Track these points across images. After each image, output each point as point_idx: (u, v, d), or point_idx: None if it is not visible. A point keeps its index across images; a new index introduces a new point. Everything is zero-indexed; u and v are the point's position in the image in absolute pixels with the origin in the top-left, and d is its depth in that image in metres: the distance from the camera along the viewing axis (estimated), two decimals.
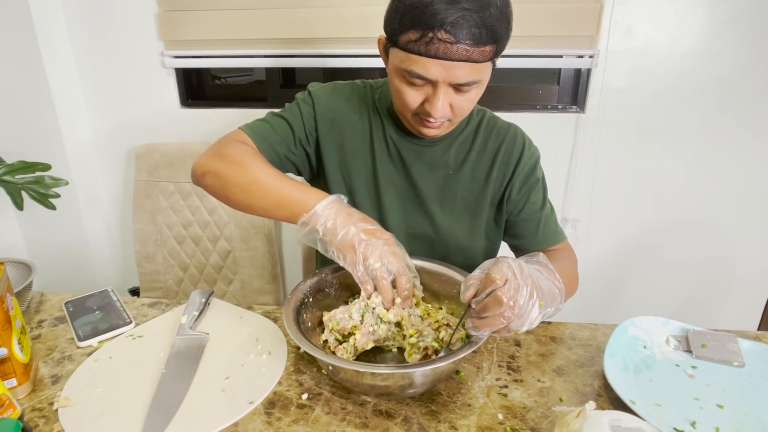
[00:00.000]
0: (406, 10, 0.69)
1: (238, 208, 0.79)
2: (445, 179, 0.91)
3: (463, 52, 0.67)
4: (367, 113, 0.91)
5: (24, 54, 1.48)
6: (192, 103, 1.67)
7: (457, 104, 0.76)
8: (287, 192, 0.74)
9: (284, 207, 0.73)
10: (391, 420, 0.64)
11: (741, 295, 1.64)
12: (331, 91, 0.91)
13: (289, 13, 1.44)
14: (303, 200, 0.72)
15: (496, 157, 0.92)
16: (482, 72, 0.73)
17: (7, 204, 1.32)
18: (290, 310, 0.70)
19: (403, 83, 0.75)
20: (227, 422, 0.63)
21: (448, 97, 0.74)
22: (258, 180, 0.76)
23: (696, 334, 0.78)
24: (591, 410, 0.54)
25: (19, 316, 0.70)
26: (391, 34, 0.74)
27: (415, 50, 0.69)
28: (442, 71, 0.70)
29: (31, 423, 0.63)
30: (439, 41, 0.67)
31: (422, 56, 0.69)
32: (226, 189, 0.78)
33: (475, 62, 0.69)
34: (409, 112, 0.79)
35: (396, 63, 0.74)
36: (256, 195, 0.75)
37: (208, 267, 1.52)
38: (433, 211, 0.92)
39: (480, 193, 0.92)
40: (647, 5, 1.35)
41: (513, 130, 0.94)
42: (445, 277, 0.80)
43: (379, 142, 0.90)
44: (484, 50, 0.69)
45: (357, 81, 0.95)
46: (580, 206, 1.57)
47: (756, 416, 0.64)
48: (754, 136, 1.45)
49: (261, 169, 0.77)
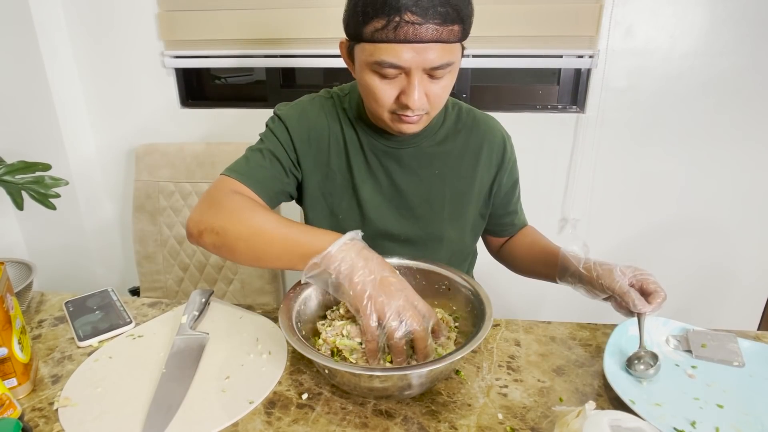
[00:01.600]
0: (367, 1, 0.68)
1: (245, 262, 0.73)
2: (430, 180, 0.90)
3: (432, 32, 0.66)
4: (338, 126, 0.88)
5: (24, 54, 1.49)
6: (192, 103, 1.67)
7: (432, 93, 0.74)
8: (296, 236, 0.69)
9: (295, 253, 0.67)
10: (391, 420, 0.64)
11: (741, 295, 1.64)
12: (300, 111, 0.88)
13: (289, 13, 1.44)
14: (315, 241, 0.66)
15: (480, 152, 0.91)
16: (454, 54, 0.71)
17: (7, 204, 1.32)
18: (287, 311, 0.70)
19: (375, 78, 0.73)
20: (227, 422, 0.63)
21: (423, 85, 0.72)
22: (262, 229, 0.70)
23: (696, 334, 0.78)
24: (591, 410, 0.54)
25: (19, 316, 0.70)
26: (354, 30, 0.71)
27: (384, 38, 0.68)
28: (414, 56, 0.68)
29: (31, 423, 0.63)
30: (407, 23, 0.66)
31: (392, 43, 0.67)
32: (229, 245, 0.72)
33: (445, 42, 0.68)
34: (384, 110, 0.76)
35: (364, 58, 0.72)
36: (263, 246, 0.70)
37: (208, 267, 1.52)
38: (422, 213, 0.91)
39: (467, 189, 0.92)
40: (647, 5, 1.35)
41: (493, 122, 0.94)
42: (434, 274, 0.80)
43: (355, 154, 0.88)
44: (453, 29, 0.68)
45: (321, 92, 0.92)
46: (580, 206, 1.57)
47: (756, 416, 0.64)
48: (754, 136, 1.45)
49: (262, 216, 0.72)
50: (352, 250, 0.65)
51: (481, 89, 1.57)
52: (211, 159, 1.45)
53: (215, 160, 1.45)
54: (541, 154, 1.52)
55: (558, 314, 1.73)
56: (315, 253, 0.65)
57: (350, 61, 0.78)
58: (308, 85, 1.73)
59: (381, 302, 0.62)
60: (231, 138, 1.61)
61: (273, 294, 1.50)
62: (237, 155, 0.84)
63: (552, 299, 1.72)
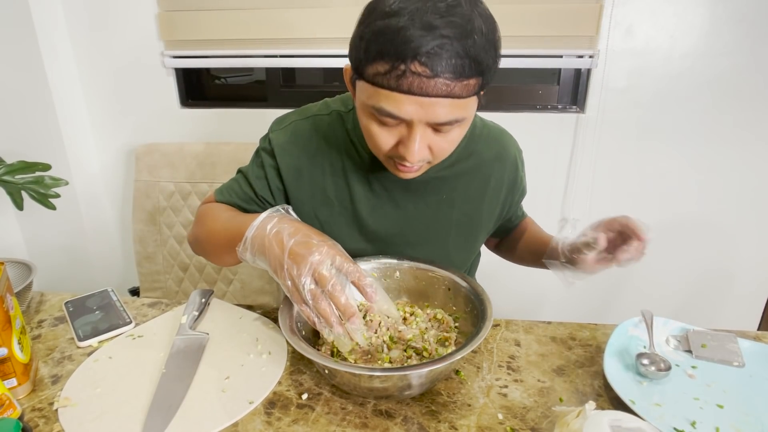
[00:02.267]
0: (372, 37, 0.58)
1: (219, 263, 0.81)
2: (437, 204, 0.85)
3: (442, 86, 0.57)
4: (337, 150, 0.81)
5: (24, 54, 1.49)
6: (192, 103, 1.67)
7: (437, 146, 0.66)
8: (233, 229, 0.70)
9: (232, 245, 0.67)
10: (391, 420, 0.64)
11: (741, 295, 1.64)
12: (291, 133, 0.82)
13: (289, 13, 1.44)
14: (240, 230, 0.65)
15: (491, 173, 0.85)
16: (466, 109, 0.62)
17: (7, 204, 1.32)
18: (287, 311, 0.70)
19: (373, 122, 0.65)
20: (227, 422, 0.63)
21: (425, 138, 0.64)
22: (213, 226, 0.76)
23: (696, 334, 0.78)
24: (591, 410, 0.54)
25: (19, 316, 0.70)
26: (356, 64, 0.63)
27: (384, 84, 0.59)
28: (417, 109, 0.59)
29: (31, 423, 0.63)
30: (413, 74, 0.56)
31: (393, 91, 0.59)
32: (205, 251, 0.81)
33: (456, 98, 0.59)
34: (381, 154, 0.70)
35: (363, 99, 0.64)
36: (215, 241, 0.76)
37: (208, 267, 1.52)
38: (428, 239, 0.86)
39: (475, 213, 0.87)
40: (647, 5, 1.35)
41: (506, 139, 0.88)
42: (434, 274, 0.80)
43: (356, 180, 0.82)
44: (468, 84, 0.59)
45: (321, 106, 0.84)
46: (580, 206, 1.57)
47: (756, 416, 0.64)
48: (754, 136, 1.45)
49: (218, 214, 0.78)
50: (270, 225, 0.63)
51: None
52: (211, 159, 1.45)
53: (215, 160, 1.45)
54: (541, 154, 1.52)
55: (558, 314, 1.73)
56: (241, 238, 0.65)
57: (352, 90, 0.70)
58: (308, 85, 1.73)
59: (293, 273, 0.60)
60: (231, 138, 1.61)
61: (273, 294, 1.50)
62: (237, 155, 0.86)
63: (552, 299, 1.72)
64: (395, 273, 0.81)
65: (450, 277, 0.78)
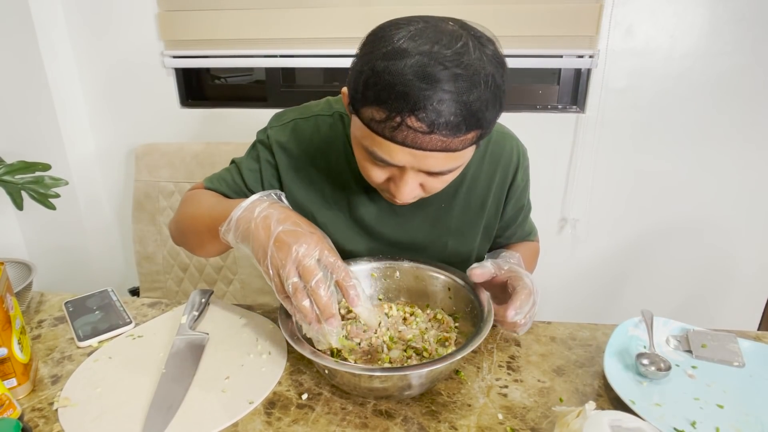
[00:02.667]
0: (372, 78, 0.55)
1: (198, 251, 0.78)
2: (436, 214, 0.84)
3: (438, 142, 0.55)
4: (337, 153, 0.80)
5: (24, 54, 1.49)
6: (192, 103, 1.67)
7: (429, 186, 0.65)
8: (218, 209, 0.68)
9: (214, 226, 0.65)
10: (391, 420, 0.64)
11: (741, 295, 1.64)
12: (290, 131, 0.80)
13: (289, 13, 1.44)
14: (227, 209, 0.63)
15: (492, 179, 0.84)
16: (461, 159, 0.61)
17: (7, 204, 1.32)
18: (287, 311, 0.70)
19: (365, 159, 0.64)
20: (227, 422, 0.63)
21: (417, 179, 0.63)
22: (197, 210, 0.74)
23: (696, 334, 0.78)
24: (591, 410, 0.54)
25: (19, 316, 0.70)
26: (352, 99, 0.60)
27: (379, 132, 0.57)
28: (410, 159, 0.58)
29: (31, 423, 0.63)
30: (409, 129, 0.54)
31: (387, 140, 0.57)
32: (182, 234, 0.77)
33: (453, 152, 0.58)
34: (372, 184, 0.69)
35: (357, 135, 0.62)
36: (197, 226, 0.72)
37: (208, 267, 1.52)
38: (421, 246, 0.86)
39: (474, 221, 0.86)
40: (647, 5, 1.35)
41: (509, 145, 0.84)
42: (432, 273, 0.80)
43: (356, 187, 0.81)
44: (465, 138, 0.57)
45: (323, 106, 0.82)
46: (580, 206, 1.57)
47: (756, 416, 0.64)
48: (754, 136, 1.45)
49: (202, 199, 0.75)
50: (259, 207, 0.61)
51: None
52: (211, 159, 1.45)
53: (215, 160, 1.45)
54: (541, 154, 1.52)
55: (558, 314, 1.73)
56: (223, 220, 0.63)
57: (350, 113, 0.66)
58: (308, 85, 1.73)
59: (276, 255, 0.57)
60: (231, 138, 1.61)
61: (273, 294, 1.50)
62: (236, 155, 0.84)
63: (552, 299, 1.72)
64: (395, 273, 0.81)
65: (450, 277, 0.78)
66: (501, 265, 0.70)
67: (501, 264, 0.70)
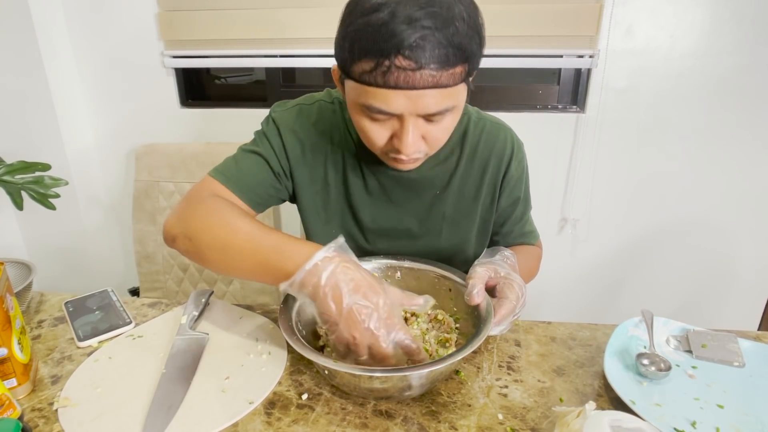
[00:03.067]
0: (355, 36, 0.59)
1: (219, 272, 0.71)
2: (431, 201, 0.85)
3: (428, 78, 0.58)
4: (337, 138, 0.82)
5: (24, 54, 1.49)
6: (192, 103, 1.67)
7: (430, 135, 0.66)
8: (266, 252, 0.62)
9: (266, 271, 0.62)
10: (391, 420, 0.64)
11: (741, 295, 1.64)
12: (296, 115, 0.82)
13: (289, 13, 1.44)
14: (284, 261, 0.60)
15: (486, 168, 0.84)
16: (455, 97, 0.62)
17: (7, 204, 1.32)
18: (287, 311, 0.70)
19: (365, 119, 0.65)
20: (227, 422, 0.63)
21: (418, 129, 0.64)
22: (233, 242, 0.65)
23: (696, 334, 0.78)
24: (591, 410, 0.54)
25: (19, 316, 0.70)
26: (342, 64, 0.63)
27: (372, 82, 0.59)
28: (406, 103, 0.60)
29: (31, 423, 0.63)
30: (399, 69, 0.57)
31: (381, 88, 0.59)
32: (200, 254, 0.68)
33: (444, 87, 0.59)
34: (377, 149, 0.70)
35: (353, 97, 0.64)
36: (233, 260, 0.66)
37: None
38: (416, 234, 0.87)
39: (469, 210, 0.87)
40: (647, 5, 1.35)
41: (503, 135, 0.85)
42: (435, 275, 0.80)
43: (353, 169, 0.83)
44: (454, 72, 0.59)
45: (324, 94, 0.84)
46: (580, 206, 1.57)
47: (756, 416, 0.64)
48: (755, 136, 1.45)
49: (235, 226, 0.66)
50: (324, 271, 0.57)
51: (481, 89, 1.57)
52: (211, 159, 1.45)
53: (215, 160, 1.43)
54: (541, 154, 1.52)
55: (558, 314, 1.73)
56: (284, 275, 0.59)
57: (342, 89, 0.70)
58: (308, 85, 1.73)
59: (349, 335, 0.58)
60: (231, 138, 1.61)
61: (273, 294, 1.50)
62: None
63: (552, 299, 1.72)
64: (396, 273, 0.81)
65: (451, 278, 0.78)
66: (498, 270, 0.71)
67: (498, 269, 0.72)
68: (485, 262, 0.73)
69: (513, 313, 0.68)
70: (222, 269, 0.68)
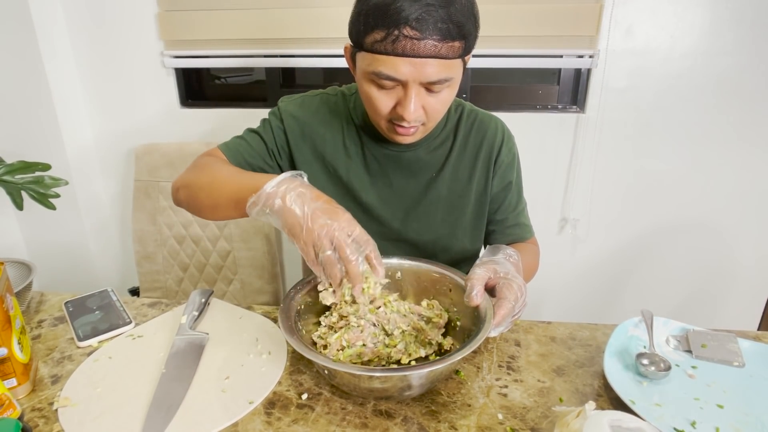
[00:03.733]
0: (369, 11, 0.68)
1: (206, 214, 0.78)
2: (427, 182, 0.90)
3: (431, 47, 0.67)
4: (339, 124, 0.89)
5: (24, 54, 1.49)
6: (192, 103, 1.67)
7: (430, 106, 0.74)
8: (243, 180, 0.72)
9: (241, 195, 0.68)
10: (391, 420, 0.64)
11: (741, 295, 1.64)
12: (299, 104, 0.90)
13: (289, 13, 1.44)
14: (255, 182, 0.66)
15: (478, 154, 0.91)
16: (453, 69, 0.71)
17: (7, 204, 1.32)
18: (287, 311, 0.70)
19: (373, 87, 0.74)
20: (227, 422, 0.63)
21: (420, 98, 0.73)
22: (217, 178, 0.76)
23: (696, 334, 0.78)
24: (591, 410, 0.54)
25: (19, 316, 0.70)
26: (356, 37, 0.73)
27: (382, 50, 0.68)
28: (411, 70, 0.68)
29: (31, 423, 0.63)
30: (405, 38, 0.66)
31: (389, 55, 0.68)
32: (194, 196, 0.78)
33: (444, 58, 0.68)
34: (381, 118, 0.77)
35: (363, 67, 0.73)
36: (217, 193, 0.74)
37: (208, 267, 1.52)
38: (415, 216, 0.91)
39: (463, 192, 0.92)
40: (647, 5, 1.35)
41: (494, 123, 0.93)
42: (435, 275, 0.80)
43: (354, 154, 0.89)
44: (453, 46, 0.68)
45: (329, 90, 0.93)
46: (580, 206, 1.57)
47: (756, 416, 0.64)
48: (754, 136, 1.45)
49: (223, 167, 0.78)
50: (287, 185, 0.64)
51: (481, 89, 1.57)
52: None
53: None
54: (541, 154, 1.52)
55: (558, 314, 1.73)
56: (253, 191, 0.65)
57: (353, 65, 0.79)
58: (308, 85, 1.73)
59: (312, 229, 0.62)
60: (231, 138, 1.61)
61: (273, 294, 1.50)
62: None
63: (552, 299, 1.72)
64: (397, 273, 0.81)
65: (452, 278, 0.78)
66: (497, 269, 0.72)
67: (497, 269, 0.72)
68: (486, 261, 0.74)
69: (512, 314, 0.68)
70: (208, 206, 0.76)
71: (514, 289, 0.69)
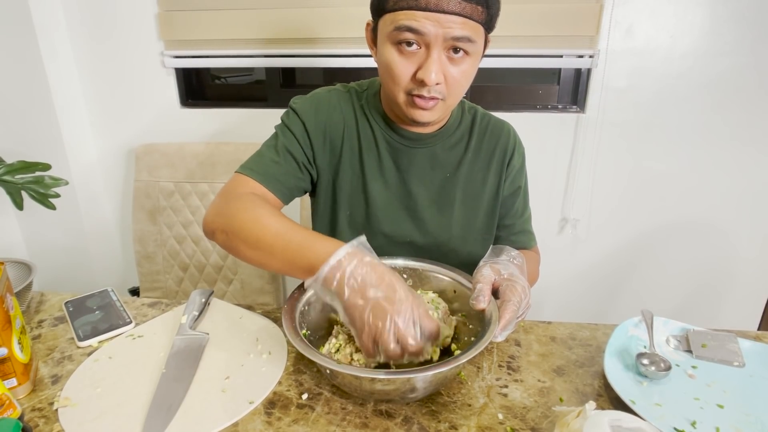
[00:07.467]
0: None
1: (255, 265, 0.73)
2: (442, 182, 0.90)
3: (455, 4, 0.67)
4: (353, 120, 0.88)
5: (24, 54, 1.48)
6: (192, 103, 1.67)
7: (450, 76, 0.74)
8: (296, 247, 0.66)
9: (295, 266, 0.65)
10: (391, 420, 0.64)
11: (741, 295, 1.64)
12: (316, 103, 0.88)
13: (289, 13, 1.44)
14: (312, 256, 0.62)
15: (492, 157, 0.91)
16: (476, 32, 0.71)
17: (7, 204, 1.32)
18: (290, 311, 0.70)
19: (394, 53, 0.73)
20: (227, 422, 0.63)
21: (441, 64, 0.72)
22: (264, 237, 0.69)
23: (696, 334, 0.78)
24: (591, 410, 0.54)
25: (19, 316, 0.70)
26: (378, 4, 0.74)
27: (405, 5, 0.69)
28: (435, 25, 0.69)
29: (31, 423, 0.63)
30: None
31: (413, 10, 0.69)
32: (235, 248, 0.72)
33: (467, 18, 0.69)
34: (400, 89, 0.76)
35: (386, 30, 0.73)
36: (264, 256, 0.69)
37: (208, 267, 1.52)
38: (428, 216, 0.90)
39: (477, 194, 0.91)
40: (647, 5, 1.35)
41: (507, 128, 0.94)
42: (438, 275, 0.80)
43: (368, 150, 0.88)
44: (476, 8, 0.69)
45: (338, 86, 0.91)
46: (580, 206, 1.57)
47: (756, 416, 0.64)
48: (754, 136, 1.45)
49: (265, 221, 0.70)
50: (348, 266, 0.60)
51: (481, 89, 1.57)
52: (211, 159, 1.45)
53: (215, 160, 1.45)
54: (541, 154, 1.52)
55: (558, 314, 1.73)
56: (310, 270, 0.62)
57: (373, 43, 0.80)
58: (308, 85, 1.73)
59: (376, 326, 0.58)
60: (231, 138, 1.61)
61: (273, 294, 1.50)
62: (237, 155, 0.85)
63: (552, 299, 1.72)
64: (402, 275, 0.81)
65: (456, 279, 0.78)
66: (501, 270, 0.71)
67: (501, 270, 0.71)
68: (490, 261, 0.73)
69: (516, 316, 0.67)
70: (255, 264, 0.72)
71: (518, 291, 0.68)
